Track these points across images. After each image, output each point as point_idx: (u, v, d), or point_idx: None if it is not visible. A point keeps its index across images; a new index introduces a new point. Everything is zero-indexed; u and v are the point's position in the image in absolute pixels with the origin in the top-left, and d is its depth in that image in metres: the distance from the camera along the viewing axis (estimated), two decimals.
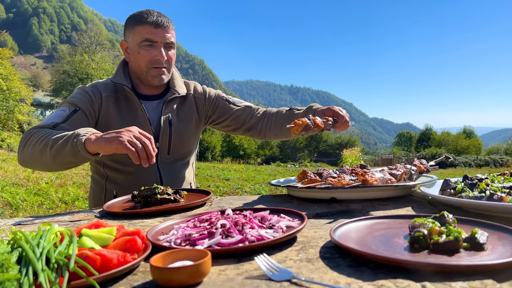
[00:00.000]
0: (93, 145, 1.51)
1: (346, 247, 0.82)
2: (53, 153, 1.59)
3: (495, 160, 39.93)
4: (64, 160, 1.59)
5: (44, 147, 1.62)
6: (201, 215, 1.16)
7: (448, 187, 1.37)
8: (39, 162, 1.67)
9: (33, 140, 1.69)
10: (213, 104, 2.31)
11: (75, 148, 1.53)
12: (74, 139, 1.54)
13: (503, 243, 0.83)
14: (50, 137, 1.64)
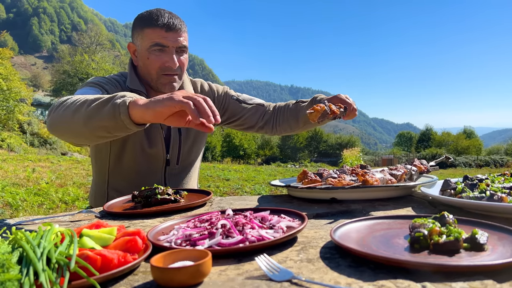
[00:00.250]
0: (139, 110, 1.24)
1: (347, 248, 0.82)
2: (88, 113, 1.33)
3: (495, 161, 39.93)
4: (99, 125, 1.33)
5: (80, 106, 1.37)
6: (201, 215, 1.16)
7: (449, 188, 1.37)
8: (68, 125, 1.42)
9: (68, 102, 1.45)
10: (223, 104, 2.20)
11: (115, 110, 1.26)
12: (117, 99, 1.28)
13: (503, 244, 0.83)
14: (89, 97, 1.40)
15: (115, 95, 1.31)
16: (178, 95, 1.19)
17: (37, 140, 29.13)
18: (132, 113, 1.26)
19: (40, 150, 26.24)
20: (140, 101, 1.25)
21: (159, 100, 1.20)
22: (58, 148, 28.79)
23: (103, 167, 2.03)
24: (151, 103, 1.21)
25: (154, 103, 1.21)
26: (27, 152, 21.98)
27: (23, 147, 24.77)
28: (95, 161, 2.07)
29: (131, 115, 1.26)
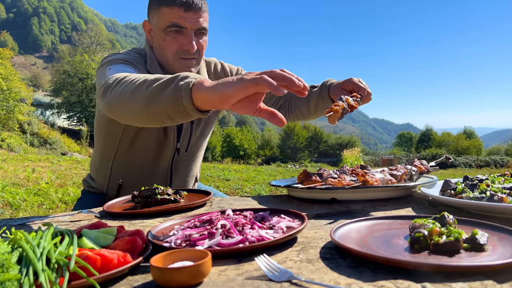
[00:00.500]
0: (203, 93, 1.06)
1: (347, 248, 0.82)
2: (148, 96, 1.18)
3: (495, 161, 39.94)
4: (159, 109, 1.17)
5: (139, 86, 1.23)
6: (201, 215, 1.16)
7: (449, 188, 1.37)
8: (128, 106, 1.27)
9: (126, 80, 1.32)
10: None
11: (177, 93, 1.10)
12: (179, 80, 1.12)
13: (504, 244, 0.83)
14: (148, 76, 1.26)
15: (177, 76, 1.15)
16: (248, 75, 1.02)
17: (37, 140, 29.14)
18: (195, 97, 1.08)
19: (40, 150, 26.24)
20: (206, 83, 1.08)
21: (228, 81, 1.03)
22: (58, 148, 28.80)
23: (110, 147, 1.96)
24: (219, 86, 1.04)
25: (222, 86, 1.03)
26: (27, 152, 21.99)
27: (23, 147, 24.78)
28: (104, 139, 1.97)
29: (194, 100, 1.09)
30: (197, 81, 1.09)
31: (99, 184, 2.09)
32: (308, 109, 1.99)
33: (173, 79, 1.14)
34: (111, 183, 2.03)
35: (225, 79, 1.05)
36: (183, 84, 1.10)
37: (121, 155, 1.95)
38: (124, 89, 1.28)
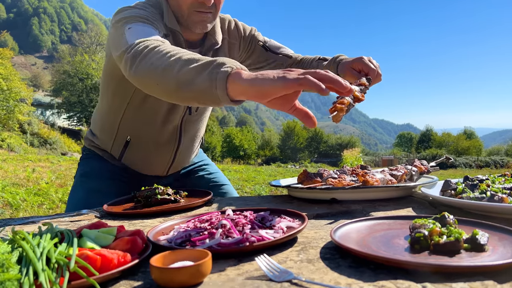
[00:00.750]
0: (241, 85, 1.00)
1: (347, 248, 0.82)
2: (181, 78, 1.12)
3: (495, 161, 39.95)
4: (190, 95, 1.13)
5: (172, 64, 1.16)
6: (201, 215, 1.16)
7: (449, 188, 1.37)
8: (157, 84, 1.21)
9: (158, 50, 1.24)
10: (248, 48, 1.96)
11: (212, 81, 1.04)
12: (216, 68, 1.05)
13: (504, 244, 0.83)
14: (182, 54, 1.18)
15: (213, 61, 1.08)
16: (290, 73, 0.97)
17: (37, 140, 29.16)
18: (230, 88, 1.03)
19: (40, 150, 26.26)
20: (243, 74, 1.02)
21: (268, 77, 0.97)
22: (58, 148, 28.82)
23: (120, 104, 1.84)
24: (259, 80, 0.98)
25: (262, 81, 0.97)
26: (27, 152, 21.99)
27: (23, 147, 24.79)
28: (113, 94, 1.85)
29: (229, 90, 1.03)
30: (234, 71, 1.03)
31: (103, 142, 1.98)
32: None
33: (208, 63, 1.08)
34: (118, 140, 1.93)
35: (265, 73, 0.99)
36: (219, 72, 1.04)
37: (131, 112, 1.84)
38: (154, 64, 1.21)
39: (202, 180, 2.19)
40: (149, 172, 2.04)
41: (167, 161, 2.00)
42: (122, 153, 1.95)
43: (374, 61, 1.61)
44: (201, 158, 2.30)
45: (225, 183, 2.22)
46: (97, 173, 1.96)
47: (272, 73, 0.99)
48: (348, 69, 1.64)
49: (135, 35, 1.39)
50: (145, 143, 1.89)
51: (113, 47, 1.48)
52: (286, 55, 1.98)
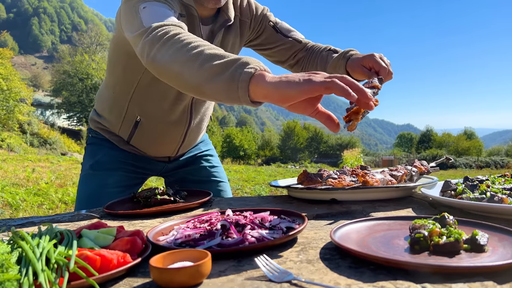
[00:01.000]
0: (264, 88, 0.97)
1: (347, 248, 0.82)
2: (201, 75, 1.09)
3: (496, 162, 39.96)
4: (210, 92, 1.10)
5: (193, 58, 1.11)
6: (201, 215, 1.16)
7: (449, 189, 1.37)
8: (175, 77, 1.18)
9: (178, 40, 1.19)
10: (258, 27, 1.89)
11: (233, 82, 1.01)
12: (239, 68, 1.02)
13: (504, 245, 0.83)
14: (203, 48, 1.13)
15: (236, 59, 1.05)
16: (316, 76, 0.95)
17: (37, 140, 29.17)
18: (252, 89, 1.00)
19: (40, 150, 26.26)
20: (267, 76, 0.99)
21: (293, 80, 0.95)
22: (58, 148, 28.82)
23: (129, 82, 1.77)
24: (283, 84, 0.95)
25: (286, 84, 0.94)
26: (27, 152, 22.00)
27: (23, 147, 24.80)
28: (122, 73, 1.78)
29: (251, 92, 1.00)
30: (257, 72, 1.00)
31: (111, 123, 1.91)
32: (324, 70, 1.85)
33: (232, 62, 1.05)
34: (126, 120, 1.86)
35: (289, 76, 0.97)
36: (242, 73, 1.01)
37: (142, 90, 1.77)
38: (175, 55, 1.16)
39: (203, 171, 2.16)
40: (158, 154, 1.99)
41: (178, 141, 1.94)
42: (132, 134, 1.88)
43: (385, 59, 1.57)
44: (208, 147, 2.26)
45: (223, 180, 2.21)
46: (106, 164, 1.91)
47: (297, 75, 0.96)
48: (358, 66, 1.61)
49: (150, 17, 1.33)
50: (156, 123, 1.84)
51: (126, 27, 1.43)
52: (296, 39, 1.92)
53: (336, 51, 1.82)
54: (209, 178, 2.16)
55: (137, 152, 1.96)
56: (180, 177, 2.16)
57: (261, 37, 1.91)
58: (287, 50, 1.92)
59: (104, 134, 1.94)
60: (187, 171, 2.14)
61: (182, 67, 1.14)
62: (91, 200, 1.82)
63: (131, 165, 1.96)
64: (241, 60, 1.04)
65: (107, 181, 1.88)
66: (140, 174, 2.01)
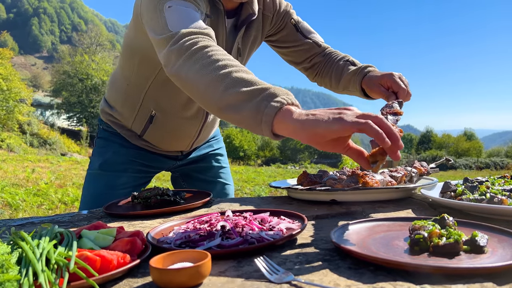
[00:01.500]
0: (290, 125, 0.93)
1: (346, 249, 0.82)
2: (225, 100, 1.04)
3: (495, 163, 39.95)
4: (232, 118, 1.06)
5: (218, 81, 1.06)
6: (201, 216, 1.16)
7: (449, 190, 1.37)
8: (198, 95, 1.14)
9: (204, 55, 1.14)
10: (280, 23, 1.83)
11: (258, 115, 0.97)
12: (265, 100, 0.98)
13: (503, 246, 0.83)
14: (230, 69, 1.08)
15: (264, 89, 1.00)
16: (347, 114, 0.90)
17: (37, 140, 29.14)
18: (277, 125, 0.96)
19: (40, 150, 26.24)
20: (294, 113, 0.94)
21: (322, 119, 0.89)
22: (58, 148, 28.81)
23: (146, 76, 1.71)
24: (310, 122, 0.90)
25: (315, 123, 0.89)
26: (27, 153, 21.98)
27: (22, 147, 24.78)
28: (139, 66, 1.71)
29: (275, 126, 0.96)
30: (284, 107, 0.95)
31: (123, 116, 1.85)
32: (337, 84, 1.85)
33: (258, 91, 1.00)
34: (140, 114, 1.79)
35: (318, 113, 0.91)
36: (268, 106, 0.96)
37: (158, 85, 1.71)
38: (200, 72, 1.11)
39: (211, 171, 2.13)
40: (172, 148, 1.95)
41: (193, 136, 1.90)
42: (145, 129, 1.82)
43: (404, 78, 1.54)
44: (220, 145, 2.22)
45: (228, 182, 2.19)
46: (115, 165, 1.86)
47: (326, 113, 0.92)
48: (376, 84, 1.59)
49: (177, 20, 1.27)
50: (171, 118, 1.78)
51: (149, 25, 1.36)
52: (316, 42, 1.87)
53: (354, 64, 1.78)
54: (216, 179, 2.14)
55: (149, 147, 1.91)
56: (187, 173, 2.13)
57: (281, 33, 1.85)
58: (305, 52, 1.88)
59: (116, 127, 1.89)
60: (196, 168, 2.11)
61: (206, 87, 1.09)
62: (97, 201, 1.78)
63: (141, 164, 1.92)
64: (268, 90, 1.00)
65: (115, 182, 1.85)
66: (148, 173, 1.98)
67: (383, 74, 1.57)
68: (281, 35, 1.85)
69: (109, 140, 1.91)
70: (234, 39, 1.66)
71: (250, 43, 1.76)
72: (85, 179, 1.93)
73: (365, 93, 1.72)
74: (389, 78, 1.53)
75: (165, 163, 2.01)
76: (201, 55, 1.14)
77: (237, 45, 1.68)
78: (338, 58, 1.85)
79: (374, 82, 1.59)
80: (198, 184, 2.08)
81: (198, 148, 2.10)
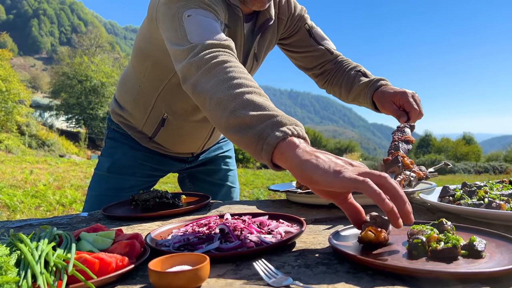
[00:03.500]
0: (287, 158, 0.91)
1: (345, 253, 0.82)
2: (231, 121, 1.02)
3: (494, 167, 39.98)
4: (233, 138, 1.05)
5: (228, 100, 1.04)
6: (199, 219, 1.16)
7: (447, 194, 1.37)
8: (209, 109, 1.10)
9: (222, 71, 1.12)
10: (293, 28, 1.81)
11: (259, 142, 0.95)
12: (269, 127, 0.95)
13: (501, 251, 0.83)
14: (243, 89, 1.05)
15: (271, 116, 0.97)
16: (349, 169, 0.85)
17: (35, 141, 29.11)
18: (277, 156, 0.93)
19: (38, 151, 26.22)
20: (298, 148, 0.90)
21: (322, 167, 0.85)
22: (56, 150, 28.78)
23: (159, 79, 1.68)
24: (310, 166, 0.86)
25: (313, 168, 0.86)
26: (25, 154, 21.96)
27: (21, 148, 24.75)
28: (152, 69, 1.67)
29: (275, 157, 0.93)
30: (288, 139, 0.92)
31: (134, 118, 1.82)
32: (347, 94, 1.83)
33: (264, 118, 0.97)
34: (152, 117, 1.76)
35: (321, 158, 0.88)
36: (270, 135, 0.93)
37: (171, 89, 1.68)
38: (215, 88, 1.09)
39: (219, 173, 2.12)
40: (182, 150, 1.92)
41: (204, 138, 1.88)
42: (156, 131, 1.79)
43: (417, 97, 1.54)
44: (229, 146, 2.20)
45: (234, 185, 2.18)
46: (124, 168, 1.83)
47: (329, 161, 0.87)
48: (388, 101, 1.58)
49: (197, 30, 1.24)
50: (183, 121, 1.75)
51: (166, 34, 1.33)
52: (328, 49, 1.85)
53: (366, 75, 1.77)
54: (223, 182, 2.12)
55: (160, 149, 1.89)
56: (195, 175, 2.12)
57: (294, 37, 1.83)
58: (316, 58, 1.86)
59: (126, 129, 1.86)
60: (204, 170, 2.10)
61: (217, 104, 1.07)
62: (102, 203, 1.75)
63: (150, 168, 1.90)
64: (275, 118, 0.96)
65: (122, 186, 1.84)
66: (156, 176, 1.96)
67: (396, 92, 1.56)
68: (294, 39, 1.83)
69: (119, 141, 1.89)
70: (252, 44, 1.64)
71: (266, 47, 1.75)
72: (91, 179, 1.91)
73: (375, 106, 1.73)
74: (403, 96, 1.53)
75: (174, 166, 1.99)
76: (219, 70, 1.12)
77: (253, 50, 1.66)
78: (350, 68, 1.83)
79: (387, 98, 1.59)
80: (205, 186, 2.07)
81: (208, 150, 2.08)
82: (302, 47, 1.84)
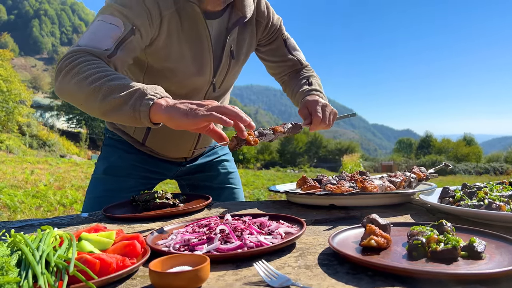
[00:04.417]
0: (161, 116, 1.19)
1: (345, 254, 0.83)
2: (105, 107, 1.25)
3: (495, 168, 39.95)
4: (116, 119, 1.28)
5: (94, 92, 1.25)
6: (200, 220, 1.16)
7: (447, 195, 1.38)
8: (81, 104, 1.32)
9: (80, 70, 1.30)
10: (271, 36, 1.89)
11: (135, 113, 1.21)
12: (138, 100, 1.21)
13: (501, 252, 0.84)
14: (104, 79, 1.26)
15: (134, 92, 1.23)
16: (200, 109, 1.15)
17: (36, 142, 29.14)
18: (153, 117, 1.21)
19: (39, 152, 26.24)
20: (163, 106, 1.18)
21: (183, 112, 1.15)
22: (57, 150, 28.80)
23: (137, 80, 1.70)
24: (175, 115, 1.16)
25: (178, 116, 1.15)
26: (26, 154, 21.98)
27: (22, 148, 24.77)
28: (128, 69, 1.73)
29: (152, 118, 1.21)
30: (155, 101, 1.20)
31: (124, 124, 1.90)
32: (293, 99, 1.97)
33: (130, 95, 1.22)
34: None
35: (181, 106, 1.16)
36: (142, 104, 1.20)
37: None
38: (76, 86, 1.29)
39: (218, 178, 2.13)
40: (174, 155, 1.96)
41: (193, 140, 1.91)
42: (146, 135, 1.87)
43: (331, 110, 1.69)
44: (225, 151, 2.22)
45: (237, 186, 2.18)
46: (119, 170, 1.88)
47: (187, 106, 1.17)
48: (303, 106, 1.72)
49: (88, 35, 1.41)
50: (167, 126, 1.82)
51: None
52: (299, 60, 1.98)
53: (310, 83, 1.90)
54: (223, 185, 2.13)
55: (153, 153, 1.93)
56: (194, 183, 2.13)
57: (271, 45, 1.92)
58: (286, 68, 1.99)
59: (121, 134, 1.93)
60: (203, 177, 2.11)
61: (86, 99, 1.28)
62: (99, 204, 1.78)
63: (144, 169, 1.93)
64: (139, 91, 1.22)
65: (118, 187, 1.86)
66: (152, 179, 1.98)
67: (311, 100, 1.72)
68: (271, 47, 1.93)
69: (114, 146, 1.95)
70: (225, 41, 1.69)
71: (245, 48, 1.81)
72: (89, 183, 1.94)
73: None
74: (312, 104, 1.69)
75: (169, 169, 2.01)
76: (76, 71, 1.30)
77: (229, 47, 1.72)
78: (302, 76, 1.96)
79: (303, 103, 1.74)
80: (205, 191, 2.07)
81: (203, 155, 2.11)
82: (276, 56, 1.95)
